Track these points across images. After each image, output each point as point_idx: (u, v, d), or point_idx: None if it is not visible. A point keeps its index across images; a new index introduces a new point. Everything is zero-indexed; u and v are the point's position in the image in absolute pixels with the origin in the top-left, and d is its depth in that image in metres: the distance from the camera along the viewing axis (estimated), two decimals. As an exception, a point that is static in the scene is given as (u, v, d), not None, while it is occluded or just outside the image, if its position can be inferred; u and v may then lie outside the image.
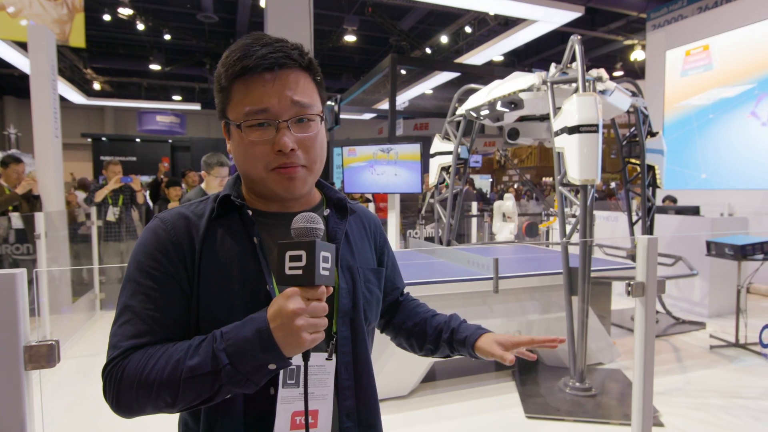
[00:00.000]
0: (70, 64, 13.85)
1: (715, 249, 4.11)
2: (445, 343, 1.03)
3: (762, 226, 6.08)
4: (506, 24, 10.03)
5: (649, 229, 4.34)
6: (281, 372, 0.78)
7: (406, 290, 1.16)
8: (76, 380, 3.39)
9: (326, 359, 0.82)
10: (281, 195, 0.84)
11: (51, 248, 4.09)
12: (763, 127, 6.46)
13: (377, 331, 1.11)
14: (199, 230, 0.82)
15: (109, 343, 0.77)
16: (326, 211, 0.92)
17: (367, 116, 16.88)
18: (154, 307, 0.77)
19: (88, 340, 4.25)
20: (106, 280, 5.40)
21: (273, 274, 0.81)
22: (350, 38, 12.53)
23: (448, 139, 4.57)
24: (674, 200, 7.06)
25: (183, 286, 0.79)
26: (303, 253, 0.68)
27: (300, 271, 0.68)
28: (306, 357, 0.73)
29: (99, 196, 5.09)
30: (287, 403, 0.79)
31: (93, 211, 4.93)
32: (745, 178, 6.66)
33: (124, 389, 0.72)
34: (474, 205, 8.33)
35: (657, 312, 4.81)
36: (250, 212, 0.85)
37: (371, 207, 6.86)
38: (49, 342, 0.91)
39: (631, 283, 1.75)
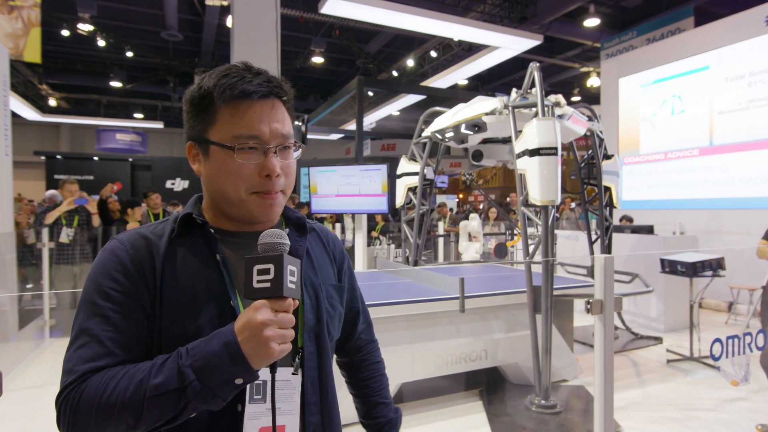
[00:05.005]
0: (24, 79, 13.31)
1: (668, 266, 4.30)
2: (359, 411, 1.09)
3: (710, 244, 6.42)
4: (470, 50, 10.38)
5: (607, 248, 4.50)
6: (248, 388, 0.79)
7: (372, 332, 1.14)
8: (22, 414, 3.16)
9: (292, 374, 0.83)
10: (259, 218, 0.85)
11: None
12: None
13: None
14: (159, 250, 0.81)
15: (63, 369, 0.74)
16: (286, 230, 0.94)
17: (335, 137, 16.93)
18: (113, 328, 0.75)
19: (35, 369, 3.99)
20: (58, 306, 5.11)
21: (238, 290, 0.82)
22: (317, 60, 12.63)
23: (415, 160, 4.64)
24: (630, 219, 7.37)
25: (144, 307, 0.78)
26: (271, 266, 0.70)
27: (268, 284, 0.70)
28: (273, 369, 0.73)
29: (50, 217, 4.79)
30: (254, 418, 0.79)
31: (44, 232, 4.68)
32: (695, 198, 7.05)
33: (82, 415, 0.69)
34: (440, 225, 8.43)
35: (616, 328, 4.96)
36: (212, 230, 0.85)
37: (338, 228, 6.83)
38: (-9, 374, 0.86)
39: (590, 301, 1.80)
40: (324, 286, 0.93)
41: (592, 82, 12.92)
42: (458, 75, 10.75)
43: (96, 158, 14.87)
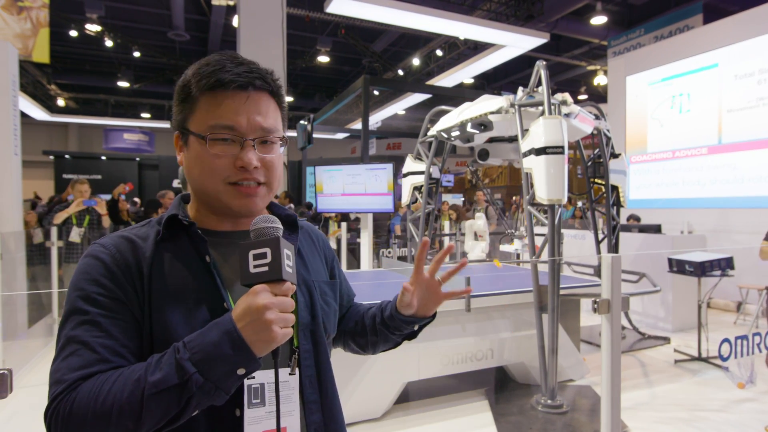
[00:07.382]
0: (33, 80, 13.44)
1: (676, 266, 4.26)
2: (381, 326, 0.98)
3: (719, 243, 6.36)
4: (476, 48, 10.36)
5: (614, 247, 4.47)
6: (246, 392, 0.77)
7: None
8: (31, 411, 3.19)
9: (289, 374, 0.81)
10: (236, 211, 0.82)
11: (6, 270, 3.90)
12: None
13: (343, 353, 1.11)
14: (145, 253, 0.78)
15: (50, 381, 0.69)
16: None
17: (340, 136, 16.94)
18: (104, 334, 0.71)
19: (44, 367, 4.03)
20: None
21: (230, 291, 0.80)
22: (323, 59, 12.65)
23: (421, 159, 4.63)
24: (638, 219, 7.32)
25: (134, 311, 0.75)
26: (267, 250, 0.69)
27: (266, 268, 0.69)
28: (275, 354, 0.72)
29: (59, 218, 4.78)
30: (254, 423, 0.77)
31: (53, 231, 4.71)
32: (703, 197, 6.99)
33: (75, 424, 0.65)
34: (446, 224, 8.41)
35: (624, 328, 4.93)
36: (199, 231, 0.82)
37: (344, 226, 6.84)
38: (1, 371, 0.86)
39: (597, 300, 1.79)
40: (317, 284, 0.92)
41: (599, 80, 12.84)
42: (464, 74, 10.74)
43: (104, 158, 15.01)
